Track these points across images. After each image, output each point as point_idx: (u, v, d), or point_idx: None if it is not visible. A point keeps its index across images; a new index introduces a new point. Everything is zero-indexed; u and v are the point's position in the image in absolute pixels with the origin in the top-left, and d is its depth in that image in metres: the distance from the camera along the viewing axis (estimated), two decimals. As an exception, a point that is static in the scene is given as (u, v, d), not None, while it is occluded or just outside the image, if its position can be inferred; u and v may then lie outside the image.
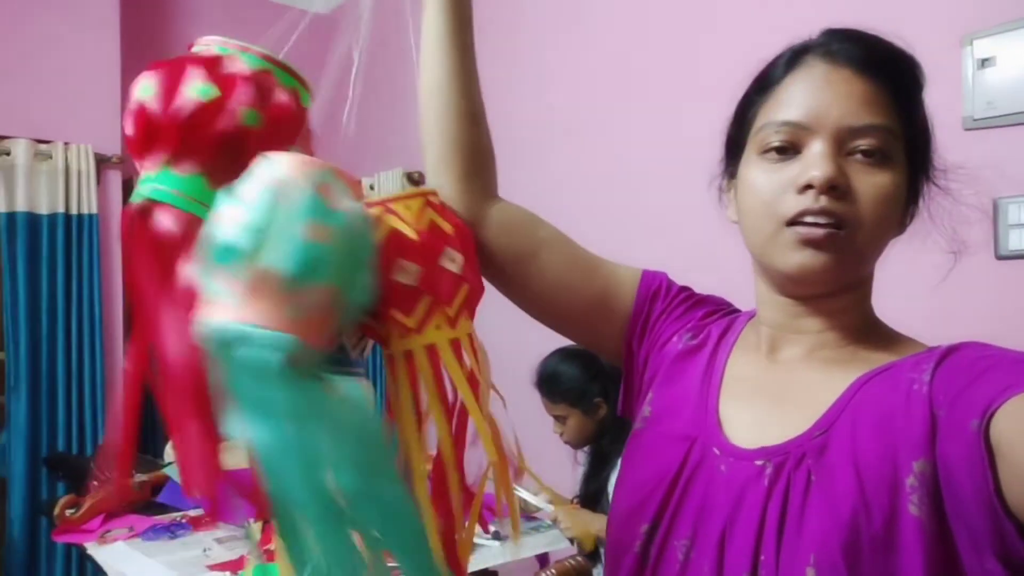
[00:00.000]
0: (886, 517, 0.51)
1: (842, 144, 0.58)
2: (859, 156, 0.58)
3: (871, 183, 0.57)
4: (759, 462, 0.59)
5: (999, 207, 1.62)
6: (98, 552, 1.98)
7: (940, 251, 0.69)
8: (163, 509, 2.24)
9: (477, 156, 0.74)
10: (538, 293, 0.75)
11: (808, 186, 0.57)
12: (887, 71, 0.59)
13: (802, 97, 0.59)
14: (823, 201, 0.57)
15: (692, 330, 0.73)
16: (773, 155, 0.60)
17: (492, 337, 0.80)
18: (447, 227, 0.65)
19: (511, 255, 0.74)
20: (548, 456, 1.95)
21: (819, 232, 0.57)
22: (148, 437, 3.14)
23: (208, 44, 0.58)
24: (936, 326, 1.24)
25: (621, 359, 0.78)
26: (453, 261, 0.63)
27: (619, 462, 1.89)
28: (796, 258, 0.59)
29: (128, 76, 3.10)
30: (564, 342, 0.89)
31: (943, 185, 0.65)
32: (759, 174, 0.61)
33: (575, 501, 1.99)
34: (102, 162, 3.02)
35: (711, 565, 0.58)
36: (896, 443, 0.53)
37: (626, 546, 0.64)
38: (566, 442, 1.97)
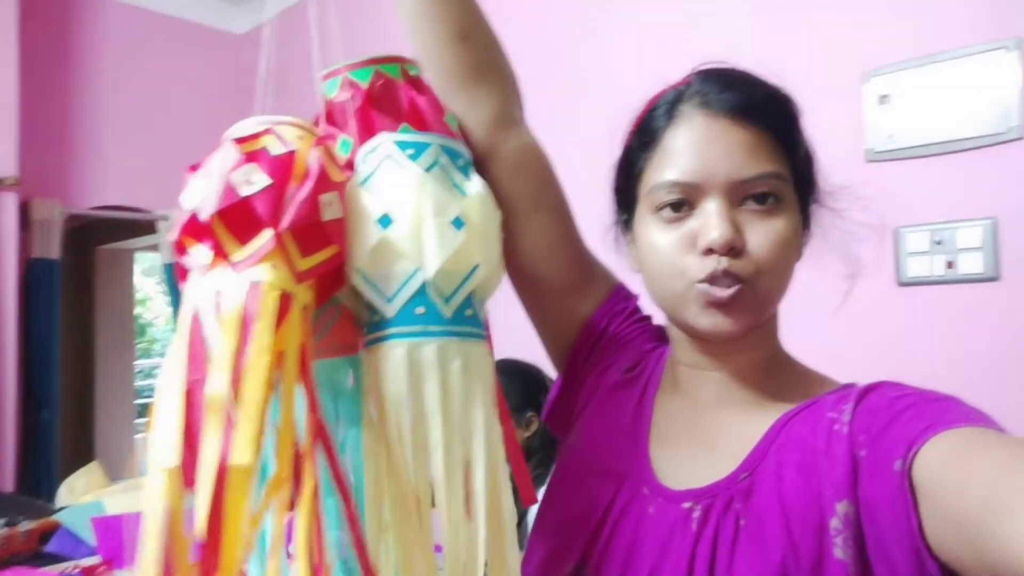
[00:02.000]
0: (814, 560, 0.50)
1: (734, 196, 0.58)
2: (752, 203, 0.58)
3: (766, 231, 0.58)
4: (687, 504, 0.58)
5: (899, 236, 1.69)
6: (-24, 610, 1.81)
7: (841, 276, 0.70)
8: (52, 560, 2.07)
9: (476, 78, 0.68)
10: (519, 251, 0.72)
11: (710, 249, 0.57)
12: (765, 115, 0.60)
13: (687, 154, 0.59)
14: (725, 263, 0.57)
15: (633, 361, 0.72)
16: (668, 212, 0.60)
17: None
18: (336, 174, 0.51)
19: (509, 202, 0.70)
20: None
21: (725, 295, 0.57)
22: (40, 479, 2.93)
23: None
24: (843, 350, 1.27)
25: (563, 362, 0.76)
26: (330, 205, 0.48)
27: (543, 490, 1.89)
28: (706, 321, 0.59)
29: (26, 96, 2.95)
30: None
31: (833, 207, 0.66)
32: (657, 234, 0.61)
33: None
34: (-6, 184, 2.83)
35: None
36: (819, 485, 0.53)
37: None
38: None
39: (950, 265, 1.63)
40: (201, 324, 0.41)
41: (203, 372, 0.40)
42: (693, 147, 0.59)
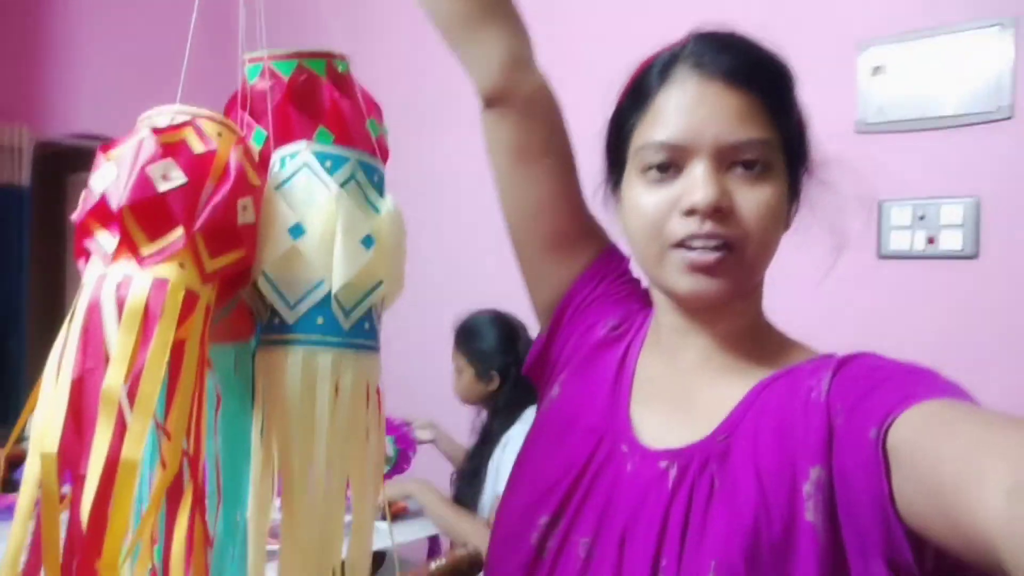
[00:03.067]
0: (785, 523, 0.52)
1: (722, 160, 0.58)
2: (740, 170, 0.58)
3: (754, 198, 0.58)
4: (663, 464, 0.58)
5: (882, 209, 1.71)
6: (-56, 537, 1.80)
7: (825, 249, 0.71)
8: (19, 486, 2.06)
9: (483, 21, 0.67)
10: (521, 196, 0.71)
11: (692, 210, 0.57)
12: (759, 81, 0.59)
13: (678, 115, 0.59)
14: (708, 226, 0.57)
15: (618, 319, 0.72)
16: (655, 174, 0.60)
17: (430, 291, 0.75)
18: (253, 177, 0.50)
19: (519, 145, 0.70)
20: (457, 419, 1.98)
21: (709, 258, 0.57)
22: (7, 407, 2.91)
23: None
24: (822, 321, 1.29)
25: (549, 315, 0.76)
26: (245, 210, 0.48)
27: (501, 444, 1.92)
28: (686, 283, 0.59)
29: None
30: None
31: (823, 179, 0.66)
32: (642, 194, 0.61)
33: (454, 476, 2.06)
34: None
35: (611, 566, 0.57)
36: (795, 450, 0.54)
37: (520, 535, 0.63)
38: (455, 393, 2.02)
39: (931, 241, 1.65)
40: (99, 313, 0.41)
41: (97, 362, 0.40)
42: (683, 108, 0.58)
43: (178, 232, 0.43)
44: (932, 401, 0.48)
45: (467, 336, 1.98)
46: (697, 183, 0.57)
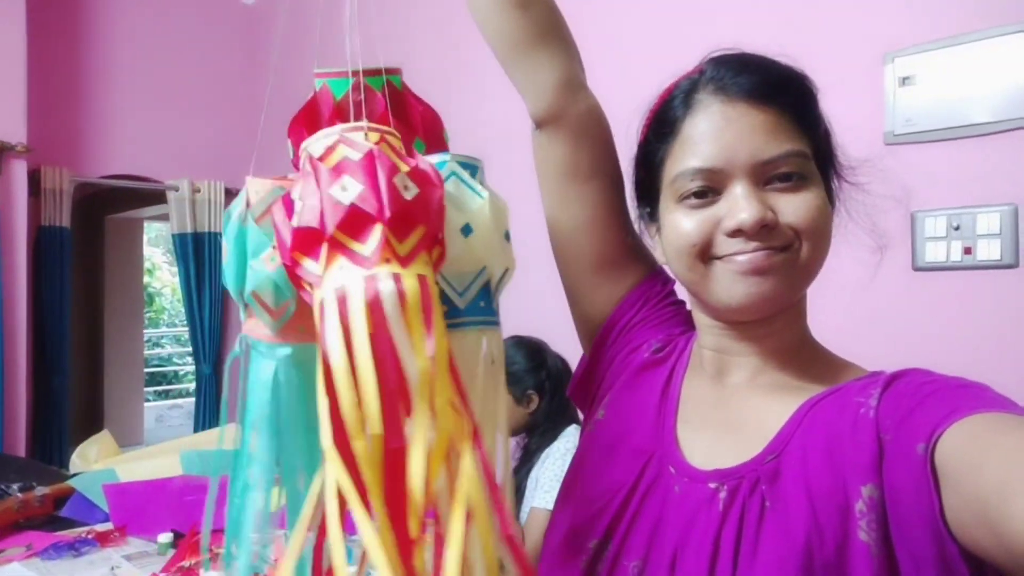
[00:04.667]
0: (838, 543, 0.51)
1: (759, 177, 0.58)
2: (777, 183, 0.58)
3: (799, 202, 0.58)
4: (713, 485, 0.58)
5: (916, 220, 1.68)
6: (-9, 573, 1.84)
7: (860, 262, 0.70)
8: (67, 524, 2.10)
9: (537, 43, 0.69)
10: (570, 217, 0.72)
11: (738, 230, 0.57)
12: (781, 95, 0.59)
13: (708, 141, 0.59)
14: (755, 243, 0.57)
15: (662, 341, 0.72)
16: (693, 200, 0.60)
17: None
18: (395, 159, 0.53)
19: (569, 166, 0.71)
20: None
21: (762, 261, 0.57)
22: (52, 445, 2.97)
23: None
24: (856, 335, 1.27)
25: (592, 336, 0.76)
26: (406, 188, 0.49)
27: (541, 459, 1.90)
28: (740, 289, 0.58)
29: (34, 63, 2.93)
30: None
31: (855, 181, 0.66)
32: (683, 219, 0.61)
33: None
34: (5, 151, 2.83)
35: None
36: (845, 468, 0.53)
37: (569, 560, 0.62)
38: None
39: (968, 251, 1.62)
40: (381, 308, 0.44)
41: (386, 352, 0.43)
42: (713, 133, 0.59)
43: (378, 229, 0.46)
44: (980, 414, 0.47)
45: None
46: (739, 203, 0.57)
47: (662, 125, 0.64)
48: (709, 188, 0.59)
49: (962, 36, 1.63)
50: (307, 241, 0.47)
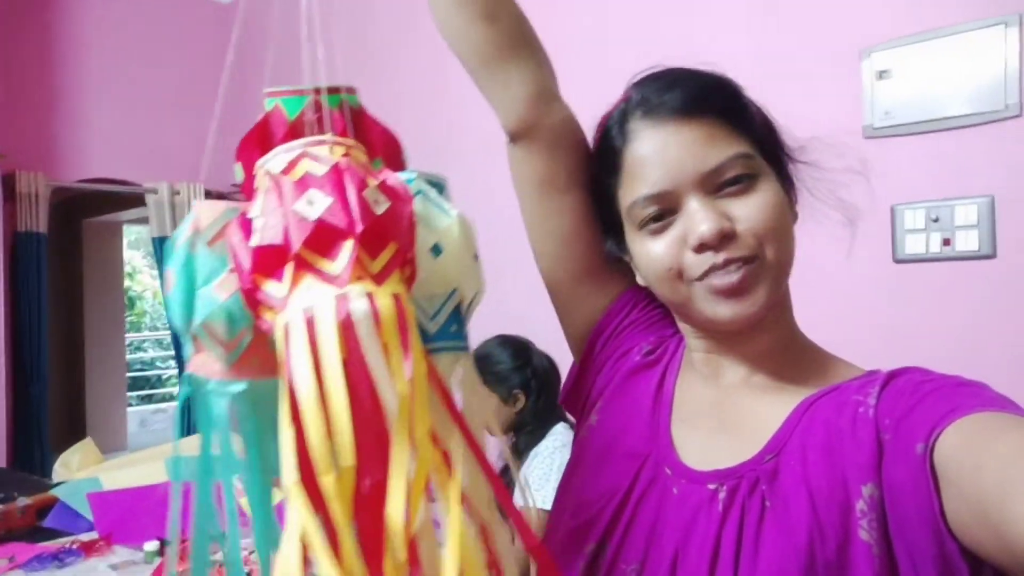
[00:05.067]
0: (839, 542, 0.51)
1: (709, 188, 0.59)
2: (728, 188, 0.59)
3: (752, 205, 0.58)
4: (712, 485, 0.58)
5: (896, 213, 1.70)
6: (-27, 586, 1.81)
7: (839, 251, 0.71)
8: (50, 535, 2.07)
9: (508, 56, 0.68)
10: (550, 229, 0.72)
11: (702, 244, 0.58)
12: (708, 104, 0.60)
13: (651, 166, 0.60)
14: (723, 255, 0.57)
15: (653, 344, 0.72)
16: (652, 225, 0.61)
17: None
18: (365, 173, 0.51)
19: (545, 177, 0.70)
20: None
21: (734, 279, 0.57)
22: (33, 455, 2.93)
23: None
24: (840, 330, 1.27)
25: (582, 343, 0.76)
26: (376, 202, 0.47)
27: (529, 458, 1.89)
28: (723, 310, 0.59)
29: (5, 68, 2.89)
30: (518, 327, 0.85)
31: (808, 160, 0.66)
32: (651, 245, 0.61)
33: None
34: (-23, 157, 2.79)
35: None
36: (845, 467, 0.53)
37: (567, 565, 0.62)
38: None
39: (947, 242, 1.64)
40: (354, 329, 0.42)
41: (361, 376, 0.41)
42: (653, 157, 0.60)
43: (349, 244, 0.44)
44: (978, 413, 0.47)
45: (481, 364, 1.98)
46: (695, 217, 0.58)
47: (605, 158, 0.65)
48: (665, 210, 0.60)
49: (938, 30, 1.65)
50: (269, 261, 0.44)
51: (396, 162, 0.59)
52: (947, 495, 0.46)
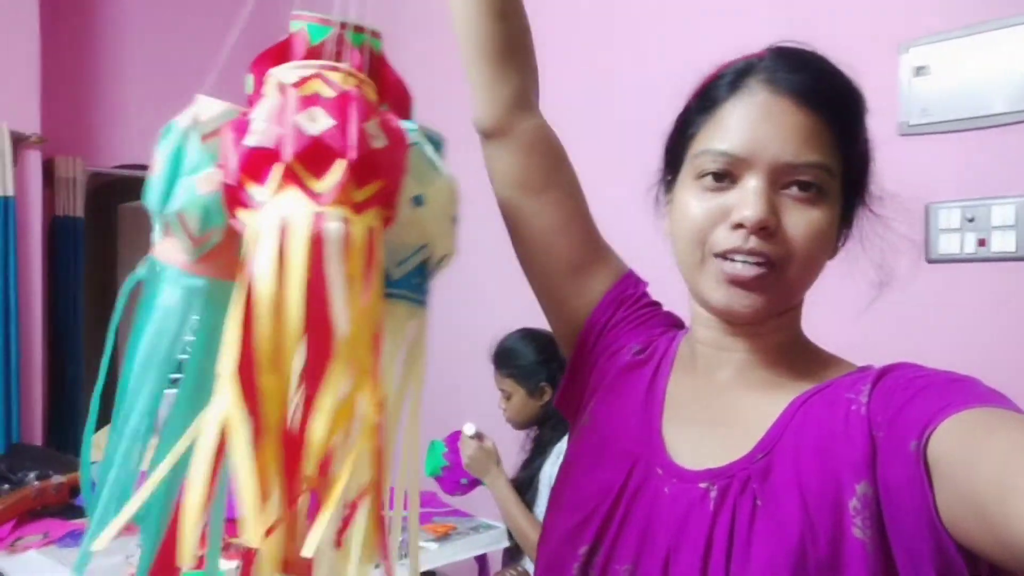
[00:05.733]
0: (831, 540, 0.51)
1: (777, 179, 0.58)
2: (794, 190, 0.58)
3: (804, 220, 0.57)
4: (703, 484, 0.58)
5: (930, 212, 1.66)
6: (7, 562, 1.85)
7: (871, 283, 0.70)
8: (82, 513, 2.13)
9: (505, 56, 0.71)
10: (530, 230, 0.73)
11: (740, 225, 0.57)
12: (829, 104, 0.58)
13: (742, 127, 0.59)
14: (753, 242, 0.57)
15: (642, 343, 0.72)
16: (709, 181, 0.60)
17: (457, 313, 0.77)
18: (374, 103, 0.52)
19: (520, 179, 0.72)
20: (500, 437, 1.97)
21: (747, 274, 0.57)
22: (67, 433, 3.00)
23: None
24: (871, 330, 1.26)
25: (572, 345, 0.76)
26: (376, 137, 0.47)
27: (553, 452, 1.90)
28: (722, 295, 0.59)
29: (48, 54, 2.95)
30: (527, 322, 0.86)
31: (878, 213, 0.65)
32: (693, 200, 0.61)
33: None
34: (19, 141, 2.85)
35: None
36: (838, 465, 0.53)
37: (561, 566, 0.63)
38: (508, 420, 2.00)
39: (982, 243, 1.60)
40: (322, 248, 0.43)
41: (321, 294, 0.41)
42: (748, 121, 0.58)
43: (341, 165, 0.44)
44: (971, 409, 0.47)
45: (507, 358, 1.98)
46: (748, 198, 0.57)
47: (705, 99, 0.63)
48: (727, 173, 0.59)
49: (977, 25, 1.61)
50: (258, 164, 0.44)
51: (404, 113, 0.59)
52: (940, 491, 0.46)
